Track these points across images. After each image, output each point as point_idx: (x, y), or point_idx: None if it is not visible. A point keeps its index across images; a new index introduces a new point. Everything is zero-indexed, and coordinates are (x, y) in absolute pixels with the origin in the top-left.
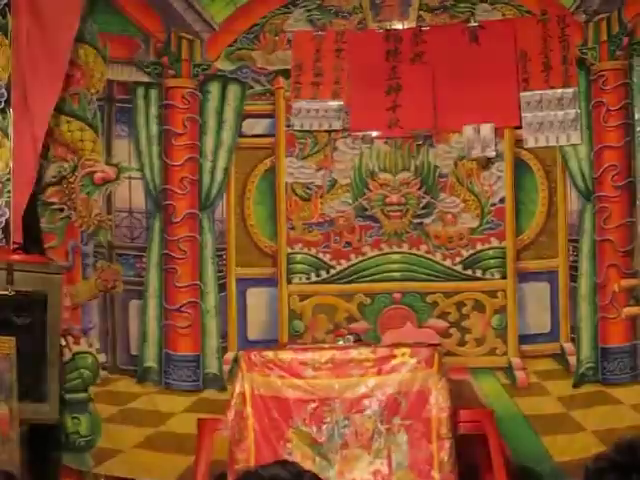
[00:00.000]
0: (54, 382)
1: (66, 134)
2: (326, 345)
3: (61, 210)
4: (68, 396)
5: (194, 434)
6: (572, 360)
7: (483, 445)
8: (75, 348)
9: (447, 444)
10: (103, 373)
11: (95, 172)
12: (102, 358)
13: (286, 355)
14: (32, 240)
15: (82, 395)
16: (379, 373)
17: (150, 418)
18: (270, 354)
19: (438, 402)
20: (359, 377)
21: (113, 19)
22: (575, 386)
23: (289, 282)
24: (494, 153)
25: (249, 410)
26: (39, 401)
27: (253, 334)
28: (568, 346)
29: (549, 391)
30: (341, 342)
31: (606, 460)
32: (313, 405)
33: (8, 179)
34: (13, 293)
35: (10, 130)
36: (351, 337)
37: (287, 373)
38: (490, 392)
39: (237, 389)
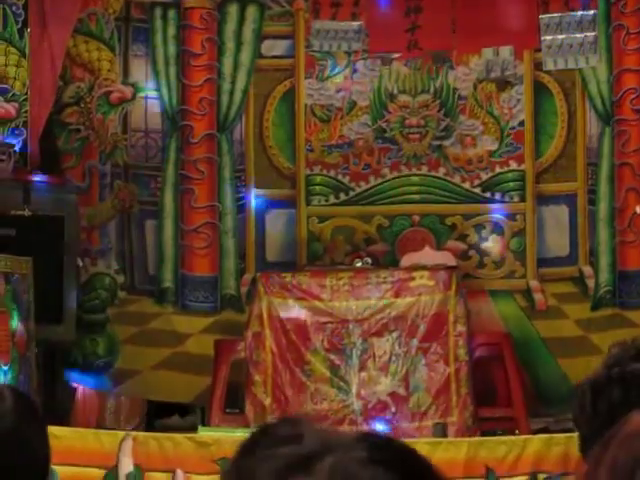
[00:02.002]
0: (71, 303)
1: (83, 54)
2: (344, 267)
3: (78, 130)
4: (86, 317)
5: (212, 355)
6: (590, 283)
7: (500, 368)
8: (93, 269)
9: (464, 366)
10: (121, 294)
11: (112, 92)
12: (120, 279)
13: (304, 277)
14: (49, 161)
15: (100, 316)
16: (397, 296)
17: (168, 339)
18: (288, 276)
19: (456, 325)
20: (377, 299)
21: None
22: (593, 309)
23: (308, 204)
24: (513, 75)
25: (267, 332)
26: (56, 322)
27: (271, 256)
28: (586, 269)
29: (567, 314)
30: (359, 264)
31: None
32: (331, 327)
33: (25, 99)
34: (30, 214)
35: (27, 50)
36: (369, 259)
37: (305, 295)
38: (508, 315)
39: (255, 311)
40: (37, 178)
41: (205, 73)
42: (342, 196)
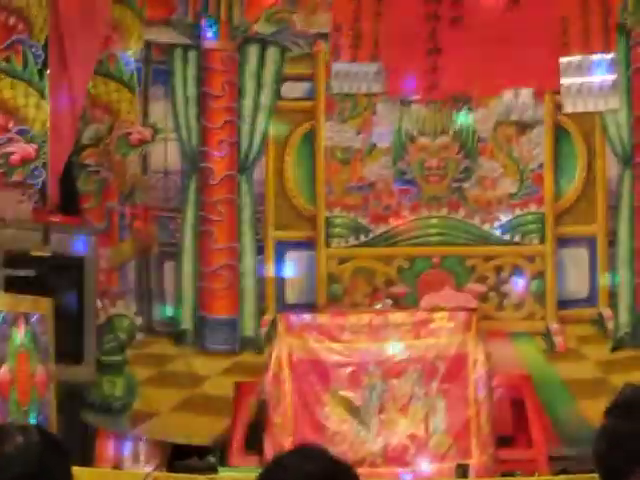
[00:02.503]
0: (90, 344)
1: (103, 95)
2: (364, 309)
3: (97, 172)
4: (104, 358)
5: (230, 397)
6: (610, 325)
7: (521, 410)
8: (112, 310)
9: (484, 408)
10: (140, 335)
11: (131, 133)
12: (139, 320)
13: (324, 318)
14: (68, 202)
15: (118, 358)
16: (417, 337)
17: (186, 380)
18: (308, 317)
19: (476, 366)
20: (397, 341)
21: None
22: (613, 350)
23: (328, 245)
24: (532, 118)
25: (286, 373)
26: (75, 363)
27: (291, 297)
28: (606, 311)
29: (587, 356)
30: (379, 306)
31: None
32: (350, 369)
33: (45, 141)
34: (49, 255)
35: (47, 91)
36: (389, 301)
37: (325, 336)
38: (528, 356)
39: (274, 352)
40: (56, 219)
41: (225, 115)
42: (362, 237)
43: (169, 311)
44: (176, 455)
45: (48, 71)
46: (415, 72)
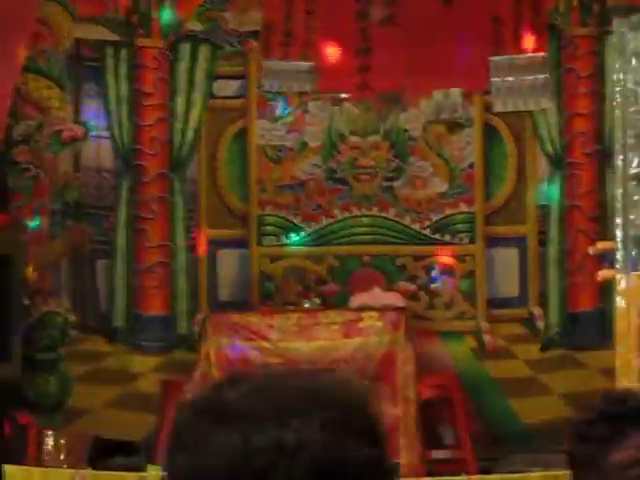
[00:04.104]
0: (17, 342)
1: (33, 92)
2: (292, 308)
3: (28, 169)
4: (37, 356)
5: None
6: (540, 324)
7: (449, 410)
8: (44, 308)
9: (413, 408)
10: (73, 332)
11: (63, 130)
12: (72, 317)
13: (253, 318)
14: None
15: (52, 355)
16: (346, 336)
17: (120, 378)
18: (236, 317)
19: (404, 366)
20: (326, 340)
21: None
22: (543, 350)
23: (259, 244)
24: (462, 117)
25: (215, 372)
26: (1, 361)
27: (224, 295)
28: (537, 310)
29: (517, 355)
30: (307, 305)
31: (595, 411)
32: (279, 368)
33: None
34: None
35: None
36: (317, 300)
37: (253, 335)
38: (459, 356)
39: (203, 351)
40: None
41: (157, 112)
42: (293, 236)
43: (102, 308)
44: (99, 452)
45: None
46: (346, 71)
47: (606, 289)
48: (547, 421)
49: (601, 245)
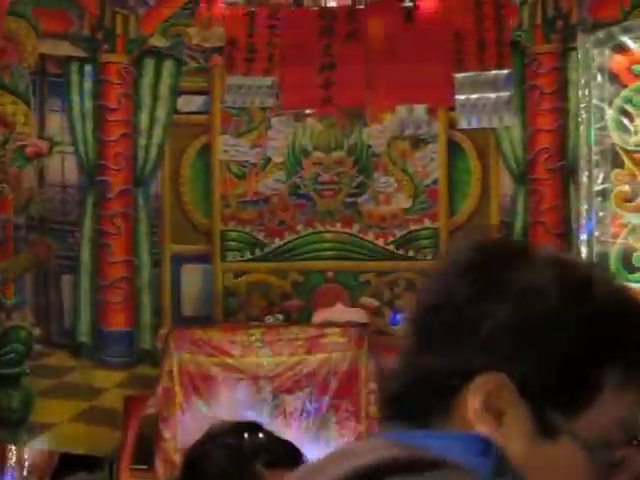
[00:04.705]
0: None
1: None
2: (255, 324)
3: None
4: (0, 371)
5: None
6: None
7: None
8: (8, 322)
9: (375, 424)
10: (37, 347)
11: (27, 146)
12: (37, 332)
13: (215, 333)
14: None
15: (15, 370)
16: (309, 352)
17: (83, 392)
18: (199, 332)
19: (367, 382)
20: (288, 356)
21: None
22: None
23: (223, 259)
24: (426, 134)
25: (177, 388)
26: None
27: (187, 310)
28: None
29: None
30: (271, 320)
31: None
32: (242, 384)
33: None
34: None
35: None
36: (280, 316)
37: (216, 351)
38: None
39: (165, 367)
40: None
41: (121, 128)
42: (257, 252)
43: (67, 323)
44: (62, 467)
45: None
46: (309, 86)
47: None
48: None
49: None
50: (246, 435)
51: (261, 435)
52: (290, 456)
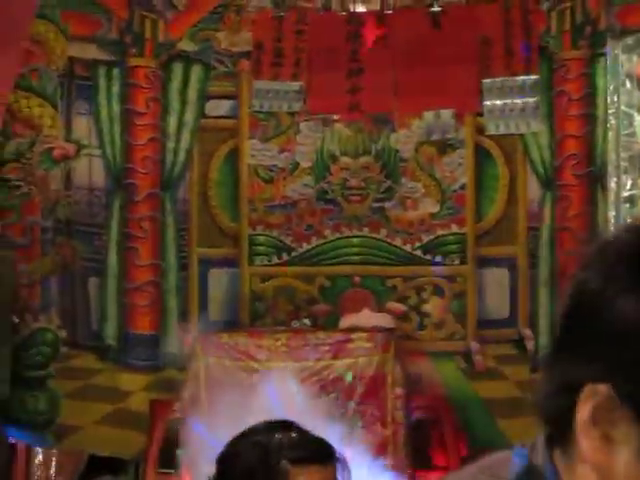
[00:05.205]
0: (4, 360)
1: (25, 110)
2: (282, 328)
3: (18, 187)
4: (27, 373)
5: None
6: (530, 345)
7: (438, 430)
8: (34, 325)
9: (402, 429)
10: (63, 349)
11: (54, 148)
12: (62, 334)
13: (241, 338)
14: None
15: (42, 372)
16: (335, 357)
17: (110, 395)
18: (225, 336)
19: (393, 387)
20: (315, 361)
21: None
22: (533, 371)
23: (250, 263)
24: (454, 139)
25: (203, 392)
26: None
27: (214, 314)
28: (526, 332)
29: (507, 376)
30: (297, 325)
31: None
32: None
33: None
34: None
35: None
36: (307, 320)
37: (242, 356)
38: (448, 376)
39: (192, 371)
40: None
41: (149, 132)
42: (284, 256)
43: (93, 326)
44: (88, 469)
45: None
46: (336, 92)
47: None
48: None
49: None
50: (276, 433)
51: (293, 433)
52: (320, 453)
